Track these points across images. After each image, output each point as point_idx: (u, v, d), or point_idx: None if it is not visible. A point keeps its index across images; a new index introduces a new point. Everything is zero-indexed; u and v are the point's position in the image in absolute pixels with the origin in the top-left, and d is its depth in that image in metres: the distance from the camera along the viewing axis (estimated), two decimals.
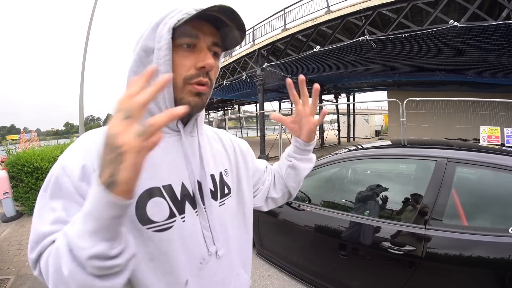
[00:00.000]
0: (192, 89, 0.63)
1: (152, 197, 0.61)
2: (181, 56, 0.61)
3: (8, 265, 3.26)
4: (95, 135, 0.64)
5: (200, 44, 0.62)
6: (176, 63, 0.61)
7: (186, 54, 0.62)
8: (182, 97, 0.63)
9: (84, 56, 7.69)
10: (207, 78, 0.64)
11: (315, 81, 14.48)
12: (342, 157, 2.41)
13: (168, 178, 0.65)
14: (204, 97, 0.66)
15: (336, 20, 8.63)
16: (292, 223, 2.46)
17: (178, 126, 0.69)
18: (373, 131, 25.23)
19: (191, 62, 0.62)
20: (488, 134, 5.16)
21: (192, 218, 0.67)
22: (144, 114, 0.40)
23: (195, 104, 0.65)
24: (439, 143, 2.28)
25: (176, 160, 0.68)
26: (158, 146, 0.61)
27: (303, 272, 2.48)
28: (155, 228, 0.60)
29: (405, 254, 1.73)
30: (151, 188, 0.62)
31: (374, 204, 2.16)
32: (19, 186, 5.10)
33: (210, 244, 0.70)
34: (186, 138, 0.70)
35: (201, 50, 0.63)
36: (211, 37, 0.64)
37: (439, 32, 6.93)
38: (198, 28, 0.61)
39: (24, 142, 12.10)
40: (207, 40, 0.63)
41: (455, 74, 11.11)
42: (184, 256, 0.65)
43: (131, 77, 0.65)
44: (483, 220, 1.75)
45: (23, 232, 4.36)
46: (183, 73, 0.62)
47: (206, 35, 0.62)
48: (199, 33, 0.61)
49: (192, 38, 0.61)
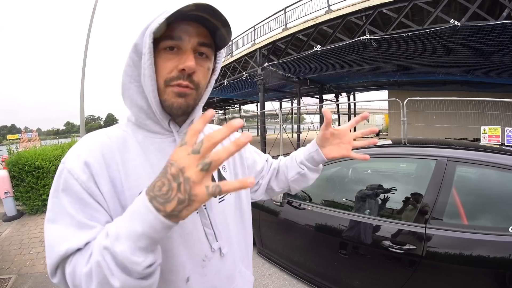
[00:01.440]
0: (174, 90, 0.62)
1: None
2: (164, 59, 0.61)
3: (9, 264, 3.27)
4: (97, 135, 0.66)
5: (184, 45, 0.61)
6: (159, 66, 0.62)
7: (169, 56, 0.61)
8: (165, 98, 0.64)
9: (85, 55, 7.69)
10: (188, 81, 0.62)
11: (315, 80, 14.53)
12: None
13: None
14: (189, 98, 0.65)
15: (336, 19, 8.61)
16: (292, 222, 2.47)
17: (171, 127, 0.70)
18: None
19: (173, 64, 0.61)
20: (489, 134, 5.15)
21: (192, 216, 0.66)
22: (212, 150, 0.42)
23: (179, 106, 0.64)
24: (440, 143, 2.28)
25: None
26: (154, 147, 0.69)
27: (303, 271, 2.48)
28: None
29: (406, 253, 1.73)
30: None
31: (375, 203, 2.16)
32: (20, 186, 5.12)
33: (212, 241, 0.71)
34: (179, 139, 0.71)
35: (184, 52, 0.62)
36: (197, 38, 0.62)
37: (439, 32, 6.92)
38: (182, 30, 0.60)
39: (25, 142, 12.13)
40: (192, 41, 0.62)
41: (456, 73, 11.09)
42: (185, 253, 0.66)
43: (125, 79, 0.67)
44: (483, 219, 1.75)
45: (24, 231, 4.38)
46: (164, 75, 0.62)
47: (191, 36, 0.61)
48: (182, 34, 0.61)
49: (174, 40, 0.61)
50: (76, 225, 0.54)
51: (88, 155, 0.59)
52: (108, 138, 0.65)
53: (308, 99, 19.16)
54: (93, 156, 0.60)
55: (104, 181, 0.59)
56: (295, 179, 0.93)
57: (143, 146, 0.67)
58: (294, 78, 13.47)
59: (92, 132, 0.68)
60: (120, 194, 0.60)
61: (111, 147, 0.63)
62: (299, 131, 14.87)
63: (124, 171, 0.62)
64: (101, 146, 0.62)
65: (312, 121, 17.89)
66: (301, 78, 13.83)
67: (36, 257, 3.44)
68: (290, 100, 23.98)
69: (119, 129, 0.70)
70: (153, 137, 0.70)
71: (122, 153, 0.64)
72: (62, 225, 0.55)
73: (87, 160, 0.58)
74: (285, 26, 10.60)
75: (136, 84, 0.66)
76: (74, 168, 0.57)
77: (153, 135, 0.70)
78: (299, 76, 13.55)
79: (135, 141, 0.67)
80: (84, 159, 0.58)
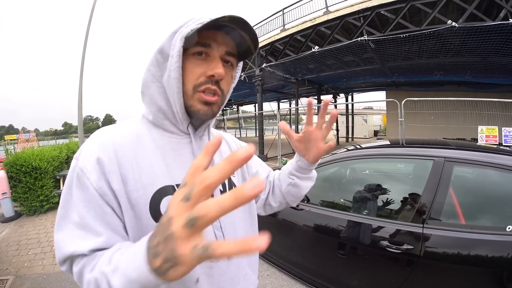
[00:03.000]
0: (200, 98, 0.63)
1: (165, 195, 0.63)
2: (193, 64, 0.63)
3: (7, 266, 3.26)
4: (110, 131, 0.66)
5: (213, 53, 0.63)
6: (188, 70, 0.62)
7: (198, 62, 0.63)
8: (191, 104, 0.65)
9: (83, 55, 7.67)
10: (216, 87, 0.64)
11: (313, 81, 14.55)
12: (341, 156, 2.42)
13: (179, 178, 0.66)
14: (214, 107, 0.66)
15: (334, 20, 8.64)
16: (291, 222, 2.47)
17: (189, 130, 0.71)
18: (371, 131, 25.28)
19: (202, 70, 0.62)
20: (486, 134, 5.19)
21: None
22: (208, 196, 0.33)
23: (204, 113, 0.65)
24: (437, 143, 2.29)
25: (186, 161, 0.70)
26: (170, 147, 0.69)
27: (302, 272, 2.48)
28: None
29: (404, 253, 1.74)
30: (165, 186, 0.63)
31: (373, 204, 2.17)
32: (17, 186, 5.10)
33: None
34: (196, 141, 0.73)
35: (213, 59, 0.63)
36: (225, 47, 0.64)
37: (437, 33, 6.95)
38: (211, 38, 0.62)
39: (22, 142, 12.08)
40: (220, 50, 0.63)
41: (453, 74, 11.13)
42: None
43: (148, 77, 0.67)
44: (480, 219, 1.76)
45: (22, 232, 4.36)
46: (193, 80, 0.63)
47: (219, 45, 0.63)
48: (212, 42, 0.62)
49: (204, 47, 0.62)
50: (84, 228, 0.55)
51: (100, 152, 0.60)
52: (121, 134, 0.65)
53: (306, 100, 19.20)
54: (105, 154, 0.60)
55: (116, 179, 0.59)
56: (288, 190, 0.93)
57: (159, 145, 0.68)
58: (292, 79, 13.48)
59: (105, 128, 0.68)
60: (131, 192, 0.60)
61: (124, 144, 0.63)
62: (297, 132, 14.85)
63: (137, 169, 0.62)
64: (114, 143, 0.62)
65: None
66: (299, 79, 13.84)
67: (34, 258, 3.43)
68: (288, 101, 24.01)
69: (134, 125, 0.70)
70: (170, 136, 0.70)
71: (136, 150, 0.64)
72: (71, 225, 0.56)
73: (99, 158, 0.59)
74: (283, 27, 10.62)
75: (158, 85, 0.67)
76: (87, 166, 0.58)
77: (169, 135, 0.70)
78: (297, 77, 13.57)
79: (150, 138, 0.68)
80: (96, 157, 0.59)
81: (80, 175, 0.58)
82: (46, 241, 3.95)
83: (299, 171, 0.89)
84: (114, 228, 0.59)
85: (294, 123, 17.36)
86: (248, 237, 0.29)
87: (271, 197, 1.00)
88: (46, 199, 5.29)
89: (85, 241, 0.54)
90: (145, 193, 0.61)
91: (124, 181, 0.60)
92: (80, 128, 7.61)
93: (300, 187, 0.92)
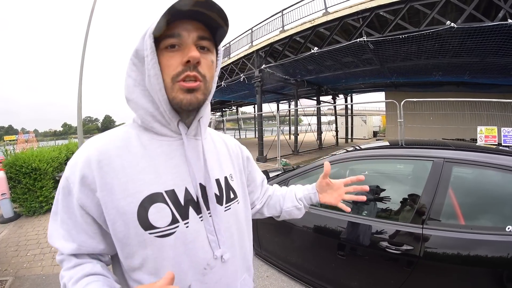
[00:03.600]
0: (181, 86, 0.62)
1: (154, 203, 0.62)
2: (167, 57, 0.62)
3: (6, 267, 3.25)
4: (98, 140, 0.67)
5: (184, 41, 0.62)
6: (163, 64, 0.62)
7: (171, 54, 0.62)
8: (174, 96, 0.64)
9: (82, 56, 7.67)
10: (195, 72, 0.62)
11: (313, 82, 14.57)
12: (340, 158, 2.42)
13: (171, 183, 0.66)
14: (198, 93, 0.64)
15: (333, 21, 8.66)
16: (290, 223, 2.47)
17: (180, 128, 0.69)
18: (371, 132, 25.32)
19: (177, 60, 0.62)
20: (485, 134, 5.19)
21: (196, 223, 0.67)
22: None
23: (188, 102, 0.64)
24: (436, 144, 2.29)
25: (179, 164, 0.69)
26: (162, 150, 0.68)
27: (301, 273, 2.48)
28: (157, 234, 0.61)
29: (403, 254, 1.74)
30: (153, 193, 0.63)
31: (372, 205, 2.17)
32: (17, 187, 5.09)
33: (215, 248, 0.69)
34: (189, 142, 0.71)
35: (185, 46, 0.62)
36: (196, 32, 0.63)
37: (436, 33, 6.97)
38: (179, 27, 0.61)
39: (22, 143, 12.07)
40: (192, 36, 0.62)
41: (452, 74, 11.16)
42: (188, 261, 0.65)
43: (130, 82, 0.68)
44: (480, 219, 1.76)
45: (21, 233, 4.35)
46: (170, 72, 0.62)
47: (189, 31, 0.62)
48: (181, 31, 0.62)
49: (174, 38, 0.62)
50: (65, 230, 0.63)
51: (84, 166, 0.61)
52: (110, 142, 0.66)
53: (306, 101, 19.22)
54: (88, 167, 0.61)
55: (100, 190, 0.60)
56: (290, 210, 1.01)
57: (149, 149, 0.67)
58: (292, 80, 13.50)
59: (97, 136, 0.69)
60: (119, 201, 0.60)
61: (111, 154, 0.63)
62: (296, 133, 14.90)
63: (124, 177, 0.62)
64: (99, 152, 0.63)
65: (309, 123, 17.92)
66: (299, 80, 13.86)
67: (33, 259, 3.42)
68: (288, 102, 24.03)
69: (123, 131, 0.70)
70: (161, 139, 0.69)
71: (123, 157, 0.64)
72: (58, 224, 0.64)
73: (83, 172, 0.61)
74: (283, 28, 10.64)
75: (141, 88, 0.67)
76: (71, 177, 0.62)
77: (160, 138, 0.69)
78: (297, 78, 13.59)
79: (139, 143, 0.67)
80: (80, 170, 0.61)
81: (65, 184, 0.63)
82: (45, 242, 3.93)
83: (307, 201, 1.00)
84: (91, 235, 0.64)
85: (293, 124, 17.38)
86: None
87: (266, 208, 1.05)
88: (46, 200, 5.28)
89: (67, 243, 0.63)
90: (132, 201, 0.61)
91: (109, 190, 0.61)
92: (80, 129, 7.61)
93: (300, 212, 1.02)
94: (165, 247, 0.62)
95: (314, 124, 17.35)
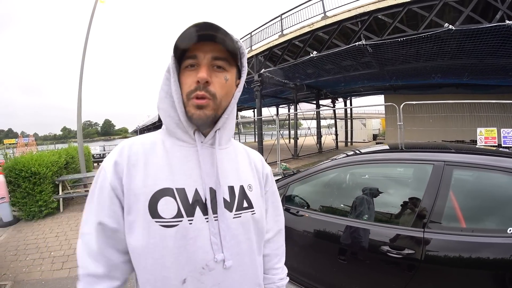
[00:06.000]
0: (193, 103, 0.71)
1: (164, 196, 0.70)
2: (186, 76, 0.72)
3: (5, 271, 3.24)
4: (131, 141, 0.79)
5: (200, 61, 0.71)
6: (182, 82, 0.73)
7: (189, 73, 0.72)
8: (188, 110, 0.73)
9: (82, 60, 7.68)
10: (204, 91, 0.70)
11: (312, 86, 14.60)
12: (340, 162, 2.42)
13: (183, 182, 0.73)
14: (207, 110, 0.72)
15: (332, 25, 8.71)
16: (290, 228, 2.45)
17: (195, 137, 0.78)
18: (370, 135, 25.33)
19: (192, 79, 0.70)
20: (485, 136, 5.20)
21: (201, 223, 0.71)
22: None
23: (198, 117, 0.72)
24: (436, 146, 2.29)
25: (193, 168, 0.76)
26: (180, 154, 0.78)
27: (302, 278, 2.46)
28: (162, 223, 0.68)
29: (405, 258, 1.73)
30: (165, 188, 0.71)
31: (373, 209, 2.16)
32: (16, 191, 5.10)
33: (217, 251, 0.71)
34: (204, 149, 0.79)
35: (200, 67, 0.71)
36: (211, 53, 0.71)
37: (434, 36, 7.01)
38: (196, 49, 0.70)
39: (21, 146, 12.06)
40: (206, 57, 0.71)
41: (451, 76, 11.20)
42: (186, 256, 0.69)
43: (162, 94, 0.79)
44: (481, 222, 1.75)
45: (20, 237, 4.34)
46: (186, 89, 0.72)
47: (206, 53, 0.70)
48: (198, 53, 0.70)
49: (192, 59, 0.71)
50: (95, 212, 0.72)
51: (117, 157, 0.74)
52: (139, 143, 0.78)
53: (305, 105, 19.23)
54: (120, 157, 0.74)
55: (126, 177, 0.71)
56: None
57: (170, 152, 0.77)
58: (291, 84, 13.54)
59: (130, 138, 0.81)
60: (137, 189, 0.70)
61: (137, 151, 0.75)
62: (296, 137, 14.90)
63: (145, 172, 0.72)
64: (129, 149, 0.75)
65: (309, 126, 17.93)
66: (298, 84, 13.90)
67: (32, 264, 3.41)
68: (287, 106, 24.07)
69: (153, 135, 0.82)
70: (181, 144, 0.78)
71: (148, 156, 0.75)
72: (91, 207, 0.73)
73: (116, 161, 0.73)
74: (282, 33, 10.69)
75: (170, 99, 0.77)
76: (106, 167, 0.73)
77: (180, 143, 0.79)
78: (296, 82, 13.62)
79: (163, 147, 0.78)
80: (114, 160, 0.73)
81: (101, 172, 0.74)
82: (45, 246, 3.93)
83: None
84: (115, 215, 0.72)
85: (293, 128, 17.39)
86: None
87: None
88: (45, 204, 5.28)
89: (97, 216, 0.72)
90: (147, 191, 0.70)
91: (132, 179, 0.71)
92: (79, 133, 7.60)
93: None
94: (166, 237, 0.68)
95: (314, 127, 17.37)
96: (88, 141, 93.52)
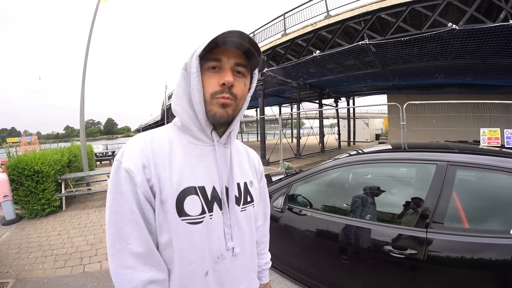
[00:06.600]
0: (218, 101, 0.76)
1: (189, 194, 0.75)
2: (208, 77, 0.76)
3: (7, 269, 3.25)
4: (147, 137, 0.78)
5: (223, 65, 0.75)
6: (205, 82, 0.76)
7: (212, 74, 0.76)
8: (210, 109, 0.77)
9: (85, 59, 7.71)
10: (229, 94, 0.76)
11: (315, 85, 14.57)
12: (343, 162, 2.41)
13: (202, 181, 0.78)
14: (229, 109, 0.77)
15: (335, 24, 8.68)
16: (293, 228, 2.46)
17: (213, 135, 0.83)
18: (373, 135, 25.26)
19: (216, 80, 0.75)
20: (488, 136, 5.16)
21: (218, 217, 0.79)
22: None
23: (220, 115, 0.77)
24: (440, 146, 2.28)
25: (209, 166, 0.82)
26: (196, 153, 0.81)
27: (305, 277, 2.46)
28: (189, 221, 0.74)
29: (407, 258, 1.73)
30: (190, 186, 0.75)
31: (370, 207, 2.16)
32: (19, 190, 5.12)
33: (228, 240, 0.81)
34: (219, 148, 0.84)
35: (224, 70, 0.76)
36: (234, 59, 0.76)
37: (438, 35, 6.97)
38: (221, 53, 0.75)
39: (24, 145, 12.11)
40: (230, 62, 0.76)
41: (455, 76, 11.13)
42: (208, 249, 0.77)
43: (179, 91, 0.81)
44: (484, 223, 1.74)
45: (23, 235, 4.36)
46: (210, 89, 0.76)
47: (229, 58, 0.75)
48: (222, 57, 0.75)
49: (215, 62, 0.75)
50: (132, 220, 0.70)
51: (142, 155, 0.73)
52: (157, 140, 0.78)
53: (308, 104, 19.20)
54: (146, 157, 0.73)
55: (154, 178, 0.73)
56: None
57: (186, 150, 0.80)
58: (294, 83, 13.51)
59: (142, 133, 0.80)
60: (164, 189, 0.72)
61: (160, 149, 0.77)
62: (298, 136, 14.89)
63: (169, 170, 0.75)
64: (152, 147, 0.76)
65: (311, 126, 17.90)
66: (301, 83, 13.88)
67: (35, 261, 3.42)
68: (290, 105, 24.04)
69: (166, 132, 0.83)
70: (196, 143, 0.82)
71: (169, 154, 0.77)
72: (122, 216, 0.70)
73: (142, 161, 0.72)
74: (285, 32, 10.67)
75: (187, 97, 0.80)
76: (132, 168, 0.71)
77: (196, 141, 0.82)
78: (299, 81, 13.60)
79: (180, 144, 0.80)
80: (139, 159, 0.72)
81: (125, 175, 0.71)
82: (47, 244, 3.95)
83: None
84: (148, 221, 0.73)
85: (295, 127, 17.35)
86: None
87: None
88: (48, 203, 5.30)
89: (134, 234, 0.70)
90: (173, 191, 0.73)
91: (159, 179, 0.73)
92: (82, 132, 7.64)
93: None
94: (193, 233, 0.73)
95: (317, 127, 17.34)
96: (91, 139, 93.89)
